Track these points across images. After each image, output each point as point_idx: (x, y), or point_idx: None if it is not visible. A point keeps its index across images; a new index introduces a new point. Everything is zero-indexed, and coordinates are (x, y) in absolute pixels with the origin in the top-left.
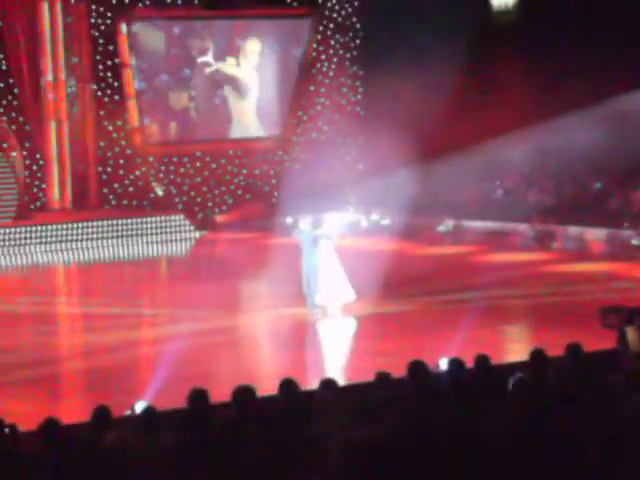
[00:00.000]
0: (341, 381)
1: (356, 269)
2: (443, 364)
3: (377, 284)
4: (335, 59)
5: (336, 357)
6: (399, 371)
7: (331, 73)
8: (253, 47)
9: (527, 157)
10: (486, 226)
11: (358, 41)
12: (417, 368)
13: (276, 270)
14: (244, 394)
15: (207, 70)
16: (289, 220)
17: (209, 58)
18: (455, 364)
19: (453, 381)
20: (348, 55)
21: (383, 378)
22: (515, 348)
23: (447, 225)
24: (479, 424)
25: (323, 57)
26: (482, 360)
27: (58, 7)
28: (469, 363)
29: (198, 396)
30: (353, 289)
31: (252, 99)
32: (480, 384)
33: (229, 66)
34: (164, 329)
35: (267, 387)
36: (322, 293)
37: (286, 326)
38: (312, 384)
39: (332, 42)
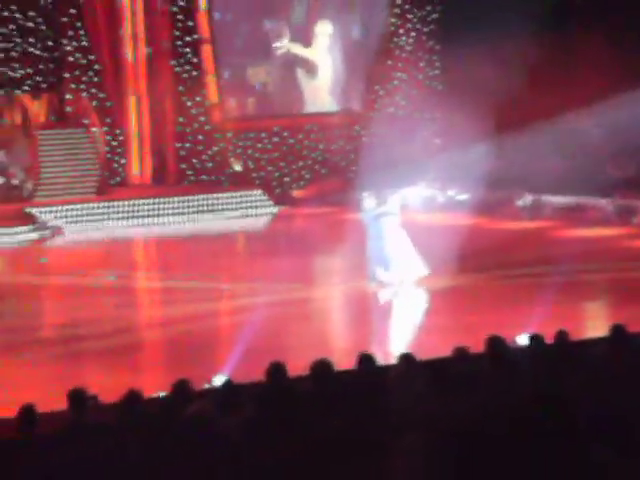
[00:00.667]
0: (418, 356)
1: (433, 244)
2: (522, 340)
3: (453, 259)
4: (412, 33)
5: (411, 332)
6: (476, 347)
7: (408, 47)
8: (324, 29)
9: (607, 130)
10: (565, 201)
11: (435, 15)
12: (496, 344)
13: (351, 245)
14: (322, 368)
15: (279, 52)
16: (365, 195)
17: (283, 41)
18: (535, 340)
19: (533, 357)
20: (425, 29)
21: (461, 353)
22: (595, 324)
23: (525, 200)
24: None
25: (401, 31)
26: (562, 336)
27: None
28: (548, 339)
29: (276, 370)
30: (425, 264)
31: (326, 78)
32: (560, 360)
33: (299, 47)
34: (242, 301)
35: (344, 361)
36: (392, 269)
37: (361, 301)
38: (387, 358)
39: (409, 16)
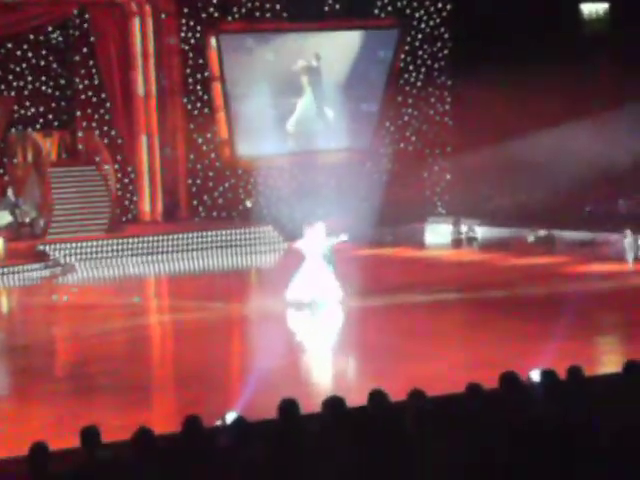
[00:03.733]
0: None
1: (446, 279)
2: (535, 376)
3: (464, 294)
4: (423, 69)
5: (422, 367)
6: (490, 383)
7: (419, 84)
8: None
9: (618, 165)
10: (578, 236)
11: (446, 51)
12: (510, 380)
13: (360, 279)
14: (334, 405)
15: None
16: (305, 226)
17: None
18: (548, 376)
19: (546, 393)
20: (436, 65)
21: (474, 389)
22: (609, 359)
23: (538, 235)
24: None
25: (411, 67)
26: (575, 372)
27: (149, 22)
28: (561, 375)
29: (289, 407)
30: (341, 289)
31: (338, 111)
32: (573, 396)
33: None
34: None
35: (354, 398)
36: (309, 292)
37: (375, 335)
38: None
39: (420, 52)
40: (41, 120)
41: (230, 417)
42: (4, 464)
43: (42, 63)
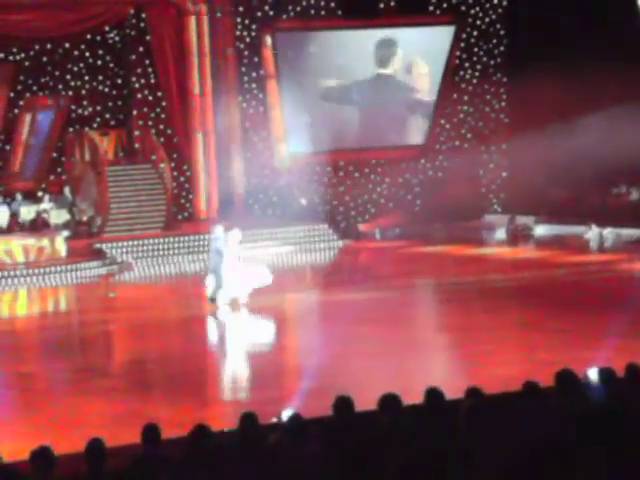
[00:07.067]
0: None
1: (502, 277)
2: (592, 374)
3: (518, 293)
4: (478, 66)
5: (479, 365)
6: (547, 380)
7: (474, 80)
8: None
9: None
10: (634, 233)
11: (502, 48)
12: (566, 378)
13: (414, 278)
14: (389, 402)
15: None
16: (215, 227)
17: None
18: (606, 374)
19: (604, 391)
20: (492, 62)
21: (530, 388)
22: None
23: (594, 232)
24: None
25: (466, 64)
26: (634, 369)
27: (204, 21)
28: (619, 373)
29: (344, 404)
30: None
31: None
32: (631, 394)
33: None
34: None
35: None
36: (224, 292)
37: (432, 336)
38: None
39: (476, 49)
40: (98, 119)
41: (286, 414)
42: (62, 460)
43: (99, 63)
